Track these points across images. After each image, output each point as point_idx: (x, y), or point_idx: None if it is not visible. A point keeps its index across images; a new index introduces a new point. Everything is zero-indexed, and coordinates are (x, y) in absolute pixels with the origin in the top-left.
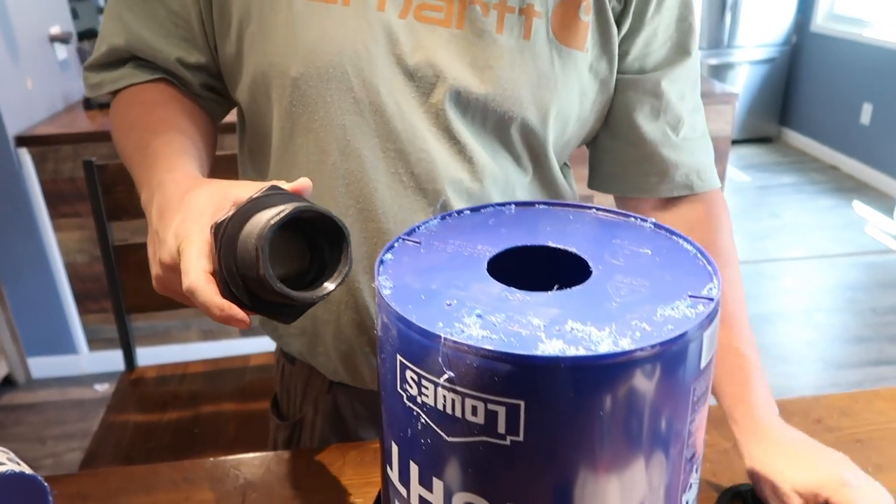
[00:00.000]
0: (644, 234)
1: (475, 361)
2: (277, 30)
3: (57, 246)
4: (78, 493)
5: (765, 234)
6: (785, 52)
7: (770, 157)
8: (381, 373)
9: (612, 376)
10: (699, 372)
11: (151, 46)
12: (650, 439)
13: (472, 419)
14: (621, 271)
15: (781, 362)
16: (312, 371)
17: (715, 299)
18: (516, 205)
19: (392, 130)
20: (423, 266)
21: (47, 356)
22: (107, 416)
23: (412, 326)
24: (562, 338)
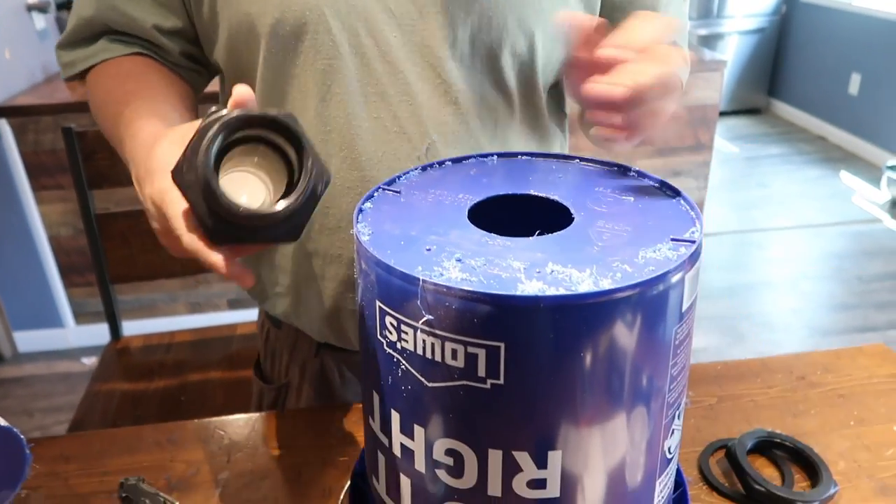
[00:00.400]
0: (627, 182)
1: (454, 303)
2: None
3: (40, 219)
4: (61, 454)
5: (753, 204)
6: (774, 21)
7: (758, 129)
8: (361, 322)
9: (592, 317)
10: (681, 315)
11: (126, 14)
12: (632, 383)
13: (453, 363)
14: (603, 217)
15: (767, 330)
16: (299, 334)
17: (697, 242)
18: (499, 156)
19: (373, 73)
20: (403, 214)
21: (33, 330)
22: (92, 385)
23: (391, 271)
24: (542, 279)
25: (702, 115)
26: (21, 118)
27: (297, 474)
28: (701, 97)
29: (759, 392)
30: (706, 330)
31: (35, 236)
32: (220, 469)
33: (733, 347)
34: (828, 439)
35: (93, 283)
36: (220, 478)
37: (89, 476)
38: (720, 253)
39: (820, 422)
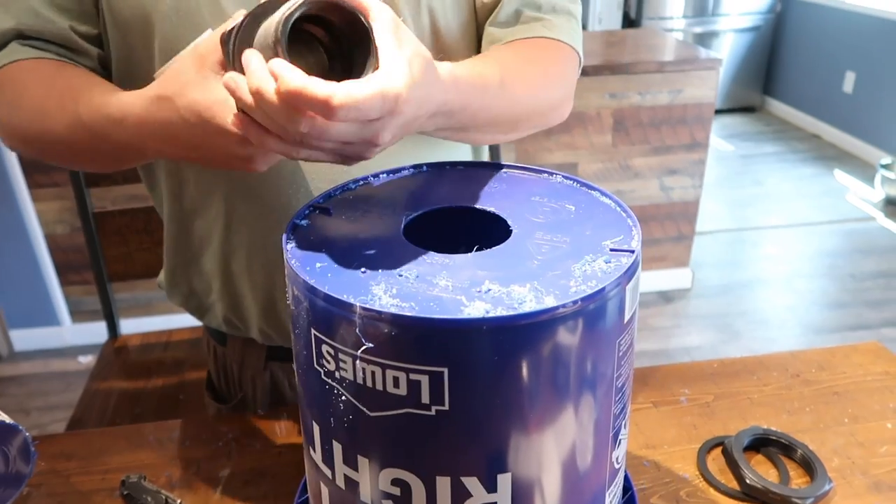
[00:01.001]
0: (561, 189)
1: (394, 330)
2: None
3: (36, 217)
4: (62, 452)
5: (747, 202)
6: (769, 19)
7: (753, 127)
8: (296, 350)
9: (536, 335)
10: (623, 325)
11: (42, 16)
12: (577, 396)
13: (395, 391)
14: (541, 228)
15: (762, 327)
16: (245, 349)
17: (636, 251)
18: (429, 166)
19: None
20: (335, 233)
21: (30, 328)
22: (91, 383)
23: (326, 298)
24: (484, 299)
25: (697, 114)
26: None
27: (297, 472)
28: (696, 95)
29: (754, 389)
30: (701, 328)
31: (31, 234)
32: (221, 467)
33: (728, 345)
34: (822, 436)
35: (89, 281)
36: (221, 475)
37: (90, 474)
38: (715, 251)
39: (814, 419)
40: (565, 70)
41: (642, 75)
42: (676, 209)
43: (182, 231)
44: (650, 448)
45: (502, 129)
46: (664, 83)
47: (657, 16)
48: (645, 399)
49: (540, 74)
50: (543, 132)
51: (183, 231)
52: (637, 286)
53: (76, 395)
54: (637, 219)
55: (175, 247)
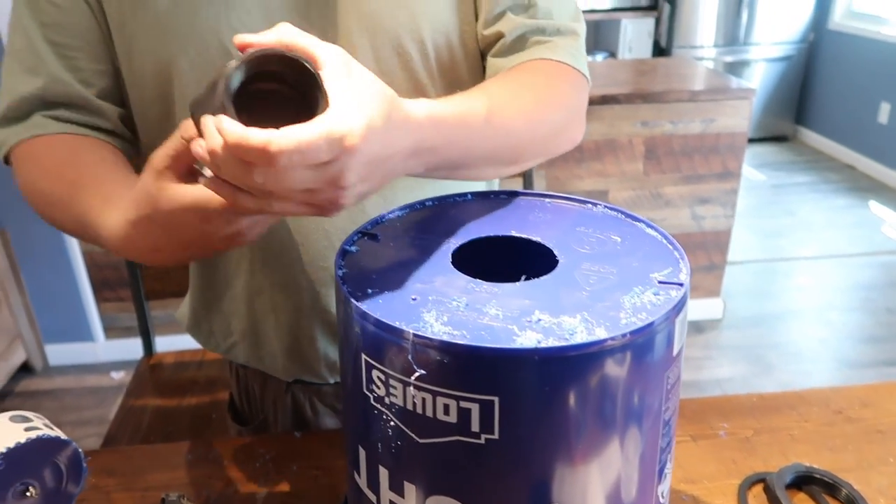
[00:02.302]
0: (605, 220)
1: (446, 358)
2: (151, 24)
3: None
4: (103, 468)
5: (779, 232)
6: (802, 49)
7: (785, 156)
8: (344, 374)
9: (587, 366)
10: (672, 358)
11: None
12: (625, 428)
13: (445, 418)
14: (588, 259)
15: (795, 360)
16: (267, 373)
17: (685, 285)
18: (474, 195)
19: None
20: (384, 260)
21: (64, 343)
22: (126, 400)
23: (378, 323)
24: (535, 329)
25: (730, 143)
26: None
27: (333, 495)
28: (729, 125)
29: (795, 425)
30: (733, 359)
31: (70, 251)
32: (258, 488)
33: (761, 378)
34: (867, 476)
35: (123, 298)
36: (258, 496)
37: (131, 490)
38: (746, 281)
39: (858, 457)
40: (565, 92)
41: (674, 104)
42: (708, 238)
43: (206, 273)
44: (689, 482)
45: (502, 162)
46: (696, 112)
47: (688, 44)
48: (683, 432)
49: (534, 100)
50: (574, 159)
51: (207, 273)
52: (685, 319)
53: (108, 411)
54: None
55: (200, 286)
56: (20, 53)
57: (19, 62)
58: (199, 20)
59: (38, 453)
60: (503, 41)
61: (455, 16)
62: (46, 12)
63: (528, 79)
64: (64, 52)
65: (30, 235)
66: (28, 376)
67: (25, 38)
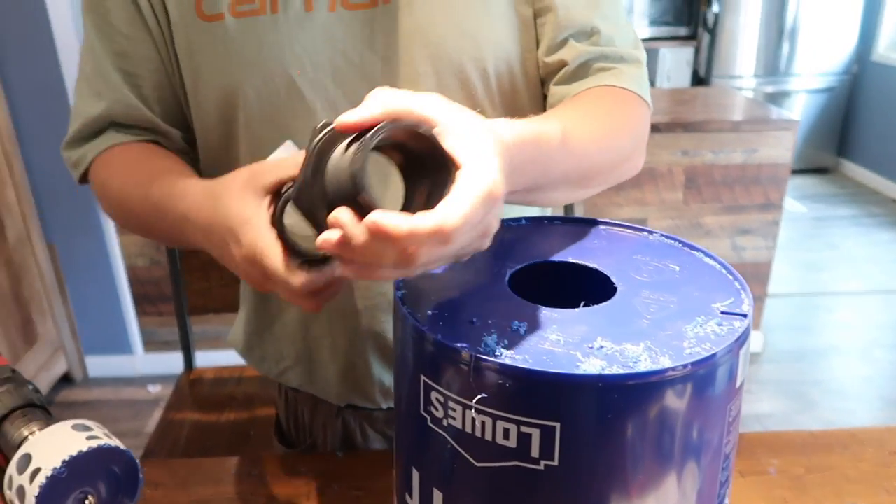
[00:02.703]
0: (662, 248)
1: (508, 382)
2: (217, 54)
3: (119, 249)
4: (148, 480)
5: (821, 265)
6: (845, 81)
7: (827, 188)
8: (400, 395)
9: (650, 395)
10: (735, 391)
11: (131, 104)
12: (685, 459)
13: (504, 443)
14: (647, 287)
15: (838, 398)
16: (318, 397)
17: (749, 316)
18: (528, 220)
19: None
20: (442, 282)
21: (104, 356)
22: (165, 413)
23: (439, 345)
24: (598, 356)
25: (772, 174)
26: None
27: None
28: (771, 156)
29: (849, 465)
30: (773, 394)
31: (114, 265)
32: None
33: (802, 414)
34: None
35: (163, 312)
36: None
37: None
38: (787, 315)
39: None
40: (633, 119)
41: (716, 133)
42: (748, 270)
43: (259, 297)
44: None
45: (574, 185)
46: (738, 142)
47: (727, 74)
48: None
49: (603, 125)
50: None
51: (260, 297)
52: (748, 351)
53: (143, 424)
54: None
55: (253, 310)
56: (91, 77)
57: (90, 86)
58: (265, 49)
59: (97, 462)
60: (566, 69)
61: (517, 44)
62: (116, 41)
63: (597, 104)
64: (132, 79)
65: (76, 250)
66: (68, 387)
67: (97, 64)
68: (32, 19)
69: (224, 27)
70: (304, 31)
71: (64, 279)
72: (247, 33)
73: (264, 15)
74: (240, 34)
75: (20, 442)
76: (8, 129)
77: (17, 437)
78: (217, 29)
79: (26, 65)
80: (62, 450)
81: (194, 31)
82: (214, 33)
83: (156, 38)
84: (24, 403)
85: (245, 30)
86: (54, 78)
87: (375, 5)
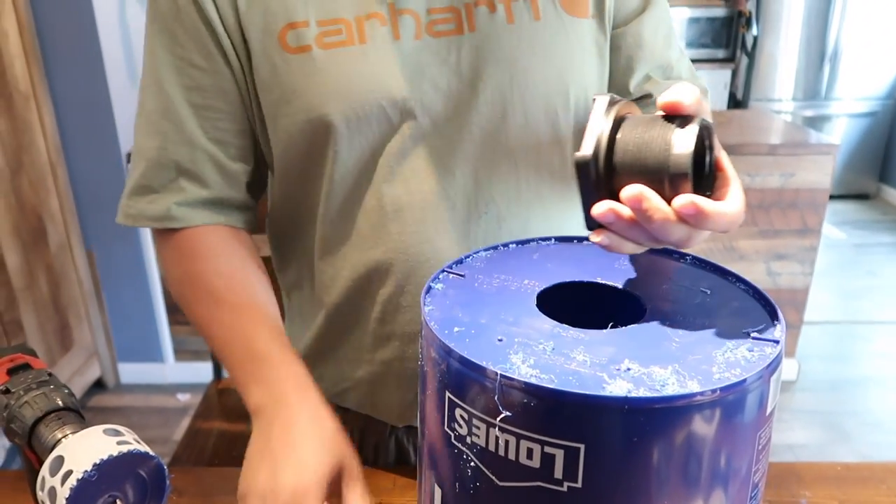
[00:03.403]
0: (692, 271)
1: (533, 401)
2: (303, 86)
3: (155, 257)
4: (175, 487)
5: (860, 293)
6: (888, 106)
7: (867, 215)
8: (425, 410)
9: (676, 420)
10: (765, 418)
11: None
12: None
13: (527, 462)
14: (677, 310)
15: (876, 430)
16: (370, 417)
17: (780, 342)
18: (557, 239)
19: (435, 148)
20: (469, 299)
21: (136, 363)
22: (193, 422)
23: (464, 362)
24: (625, 378)
25: (810, 199)
26: None
27: None
28: (809, 180)
29: (885, 500)
30: (806, 424)
31: (149, 274)
32: None
33: (837, 446)
34: None
35: None
36: None
37: None
38: (823, 343)
39: None
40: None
41: (752, 157)
42: (783, 296)
43: (332, 322)
44: None
45: None
46: (775, 166)
47: (765, 97)
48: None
49: None
50: None
51: (333, 322)
52: (780, 378)
53: (172, 431)
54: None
55: (322, 334)
56: (154, 115)
57: (153, 124)
58: (355, 78)
59: (127, 467)
60: (651, 100)
61: (596, 74)
62: (191, 76)
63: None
64: (205, 113)
65: (114, 257)
66: (100, 392)
67: (163, 100)
68: (81, 32)
69: (312, 58)
70: (393, 59)
71: (101, 286)
72: (336, 64)
73: (353, 45)
74: (328, 65)
75: (54, 444)
76: (54, 139)
77: (51, 440)
78: (304, 60)
79: (74, 78)
80: (93, 453)
81: (279, 63)
82: (302, 64)
83: (234, 70)
84: (59, 407)
85: (334, 61)
86: (100, 90)
87: (462, 33)
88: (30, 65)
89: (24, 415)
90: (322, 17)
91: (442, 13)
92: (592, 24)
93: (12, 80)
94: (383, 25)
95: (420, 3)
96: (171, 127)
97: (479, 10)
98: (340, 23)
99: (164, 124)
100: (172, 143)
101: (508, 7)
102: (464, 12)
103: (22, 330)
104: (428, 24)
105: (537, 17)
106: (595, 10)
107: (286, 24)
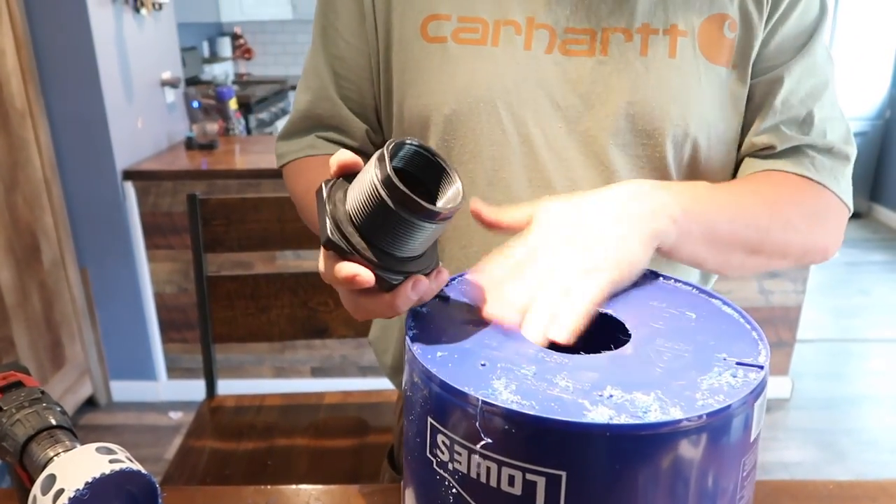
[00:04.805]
0: (679, 295)
1: (514, 428)
2: (432, 72)
3: (149, 275)
4: None
5: (853, 312)
6: (877, 125)
7: (859, 233)
8: (408, 435)
9: (659, 447)
10: (749, 444)
11: (331, 100)
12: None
13: (509, 489)
14: (662, 335)
15: (871, 449)
16: None
17: (765, 368)
18: None
19: (539, 161)
20: (453, 323)
21: (129, 381)
22: (185, 440)
23: (446, 387)
24: (606, 405)
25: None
26: (145, 181)
27: None
28: None
29: None
30: (801, 443)
31: (143, 291)
32: None
33: (832, 465)
34: None
35: (187, 339)
36: None
37: None
38: (817, 361)
39: None
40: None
41: None
42: (776, 314)
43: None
44: None
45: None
46: None
47: None
48: None
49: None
50: None
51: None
52: (764, 404)
53: (164, 450)
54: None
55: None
56: (308, 73)
57: (305, 80)
58: (478, 75)
59: (119, 485)
60: (772, 151)
61: (722, 119)
62: (336, 44)
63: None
64: (339, 80)
65: (107, 275)
66: (92, 410)
67: (315, 61)
68: (78, 50)
69: (445, 49)
70: (519, 67)
71: (95, 304)
72: (465, 59)
73: (485, 45)
74: (458, 58)
75: (45, 463)
76: (50, 156)
77: (43, 458)
78: (438, 50)
79: (70, 95)
80: (86, 472)
81: (416, 50)
82: (434, 54)
83: (371, 51)
84: (52, 425)
85: (464, 55)
86: (96, 108)
87: (593, 55)
88: (26, 82)
89: (15, 433)
90: (463, 13)
91: (577, 34)
92: (731, 73)
93: (8, 98)
94: (518, 34)
95: (559, 21)
96: (316, 84)
97: (614, 37)
98: (479, 22)
99: (312, 81)
100: (315, 97)
101: (646, 40)
102: (599, 36)
103: (14, 347)
104: (562, 43)
105: (672, 56)
106: (737, 60)
107: (430, 15)
